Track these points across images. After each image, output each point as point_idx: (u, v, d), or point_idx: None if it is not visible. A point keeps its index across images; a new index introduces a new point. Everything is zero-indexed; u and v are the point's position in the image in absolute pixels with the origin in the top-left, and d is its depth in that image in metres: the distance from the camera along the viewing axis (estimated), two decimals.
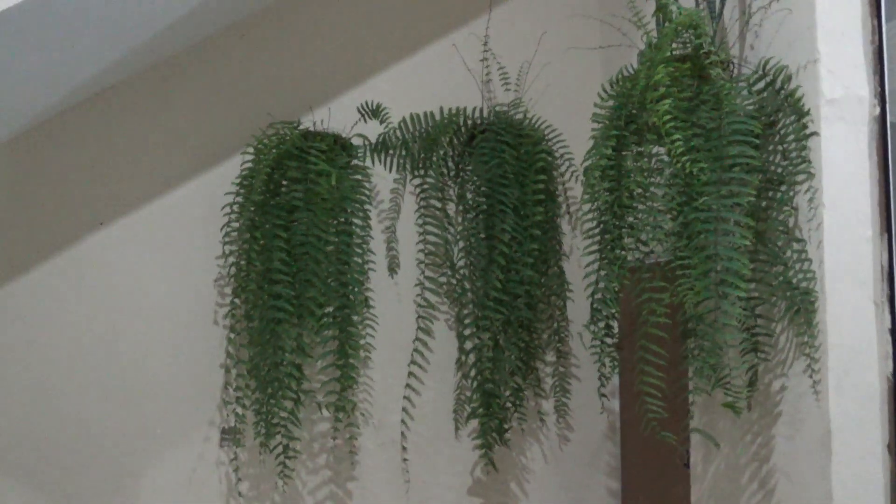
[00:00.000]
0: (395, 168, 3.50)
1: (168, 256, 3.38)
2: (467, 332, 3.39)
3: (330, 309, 3.24)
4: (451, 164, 3.51)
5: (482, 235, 3.35)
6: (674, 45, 2.64)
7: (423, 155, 3.47)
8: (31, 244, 3.31)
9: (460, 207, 3.48)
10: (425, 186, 3.47)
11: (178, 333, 3.35)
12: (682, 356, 2.59)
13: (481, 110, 3.51)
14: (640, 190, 2.65)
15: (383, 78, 3.56)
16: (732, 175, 2.44)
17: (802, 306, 2.46)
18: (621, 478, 3.58)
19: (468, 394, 3.38)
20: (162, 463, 3.30)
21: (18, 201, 3.33)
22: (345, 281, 3.26)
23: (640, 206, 2.64)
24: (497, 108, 3.52)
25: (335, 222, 3.28)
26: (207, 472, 3.33)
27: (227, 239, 3.30)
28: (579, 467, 3.56)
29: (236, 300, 3.26)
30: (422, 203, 3.48)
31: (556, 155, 3.51)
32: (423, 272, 3.48)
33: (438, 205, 3.49)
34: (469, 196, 3.43)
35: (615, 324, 2.85)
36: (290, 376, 3.13)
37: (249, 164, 3.28)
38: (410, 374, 3.45)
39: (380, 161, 3.49)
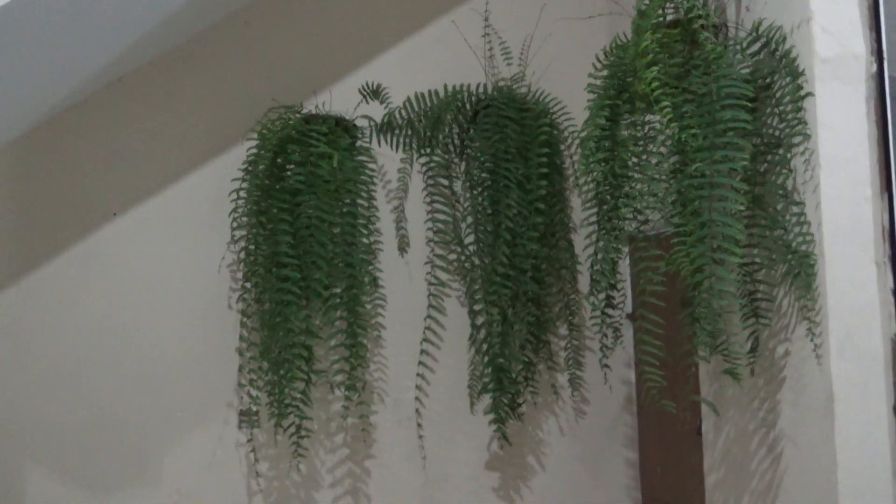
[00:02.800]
0: (401, 147, 3.50)
1: (182, 244, 3.42)
2: (477, 307, 3.39)
3: (337, 290, 3.25)
4: (456, 141, 3.51)
5: (488, 211, 3.34)
6: (666, 11, 2.60)
7: (428, 133, 3.46)
8: (49, 236, 3.37)
9: (467, 184, 3.47)
10: (432, 165, 3.47)
11: (194, 319, 3.39)
12: (682, 324, 2.56)
13: (485, 86, 3.49)
14: (634, 159, 2.63)
15: (386, 59, 3.56)
16: (726, 140, 2.41)
17: (802, 269, 2.43)
18: (638, 448, 3.57)
19: (480, 369, 3.37)
20: (183, 447, 3.35)
21: (35, 195, 3.39)
22: (351, 262, 3.28)
23: (635, 176, 2.62)
24: (500, 84, 3.50)
25: (339, 204, 3.29)
26: (227, 454, 3.37)
27: (235, 224, 3.33)
28: (596, 439, 3.55)
29: (247, 284, 3.30)
30: (429, 181, 3.48)
31: (562, 128, 3.49)
32: (432, 250, 3.48)
33: (445, 182, 3.49)
34: (474, 172, 3.42)
35: (616, 294, 2.83)
36: (300, 357, 3.16)
37: (255, 150, 3.31)
38: (423, 351, 3.46)
39: (386, 141, 3.49)
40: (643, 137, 2.64)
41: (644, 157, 2.62)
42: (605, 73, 2.73)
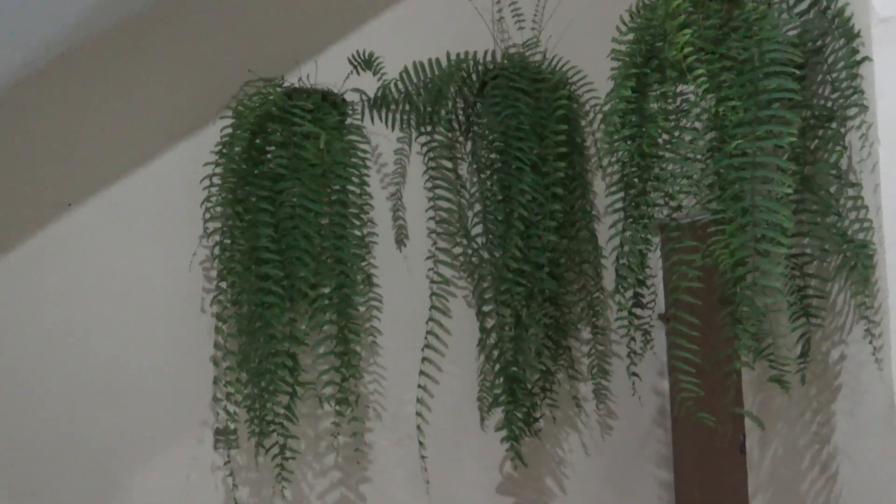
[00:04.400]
0: (397, 125, 3.51)
1: (147, 238, 3.43)
2: (487, 308, 3.41)
3: (326, 290, 3.27)
4: (461, 117, 3.52)
5: (498, 197, 3.36)
6: None
7: (429, 109, 3.47)
8: None
9: (473, 166, 3.48)
10: (433, 145, 3.48)
11: (163, 324, 3.40)
12: (721, 325, 2.57)
13: (493, 54, 3.50)
14: (665, 136, 2.64)
15: (380, 23, 3.56)
16: (770, 112, 2.43)
17: (859, 261, 2.44)
18: (673, 467, 3.58)
19: (491, 379, 3.39)
20: (152, 470, 3.36)
21: None
22: (342, 257, 3.28)
23: (666, 155, 2.63)
24: (510, 51, 3.51)
25: (327, 191, 3.30)
26: (202, 478, 3.38)
27: (208, 215, 3.34)
28: (624, 457, 3.57)
29: (222, 284, 3.30)
30: (430, 164, 3.49)
31: (582, 101, 3.50)
32: (435, 243, 3.49)
33: (449, 165, 3.50)
34: (482, 153, 3.43)
35: (645, 291, 2.85)
36: (284, 367, 3.17)
37: (230, 130, 3.32)
38: (425, 359, 3.47)
39: (380, 118, 3.50)
40: (675, 111, 2.66)
41: (676, 133, 2.63)
42: (630, 37, 2.74)
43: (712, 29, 2.51)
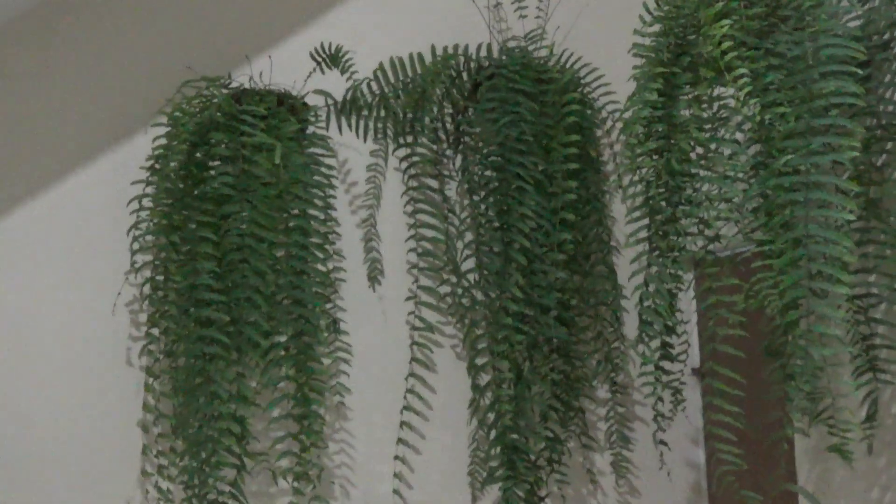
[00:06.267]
0: (370, 136, 3.53)
1: (60, 274, 3.43)
2: (481, 361, 3.40)
3: (281, 338, 3.26)
4: (448, 125, 3.53)
5: (495, 224, 3.35)
6: None
7: (409, 115, 3.49)
8: None
9: (464, 186, 3.49)
10: (415, 159, 3.50)
11: (79, 381, 3.40)
12: (769, 383, 2.57)
13: (488, 48, 3.52)
14: (699, 150, 2.64)
15: (349, 9, 3.58)
16: (827, 121, 2.44)
17: None
18: None
19: (486, 448, 3.37)
20: None
21: None
22: (301, 298, 3.28)
23: (700, 173, 2.64)
24: (510, 44, 3.52)
25: (284, 216, 3.30)
26: None
27: (137, 246, 3.35)
28: None
29: (154, 331, 3.31)
30: (411, 183, 3.50)
31: (597, 106, 3.50)
32: (416, 280, 3.50)
33: (434, 184, 3.51)
34: (475, 170, 3.43)
35: (676, 341, 2.84)
36: (229, 434, 3.15)
37: (163, 141, 3.32)
38: (405, 424, 3.47)
39: (349, 126, 3.52)
40: (711, 119, 2.66)
41: (713, 146, 2.64)
42: (656, 28, 2.76)
43: (757, 19, 2.54)
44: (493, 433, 3.33)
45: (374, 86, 3.49)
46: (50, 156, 3.46)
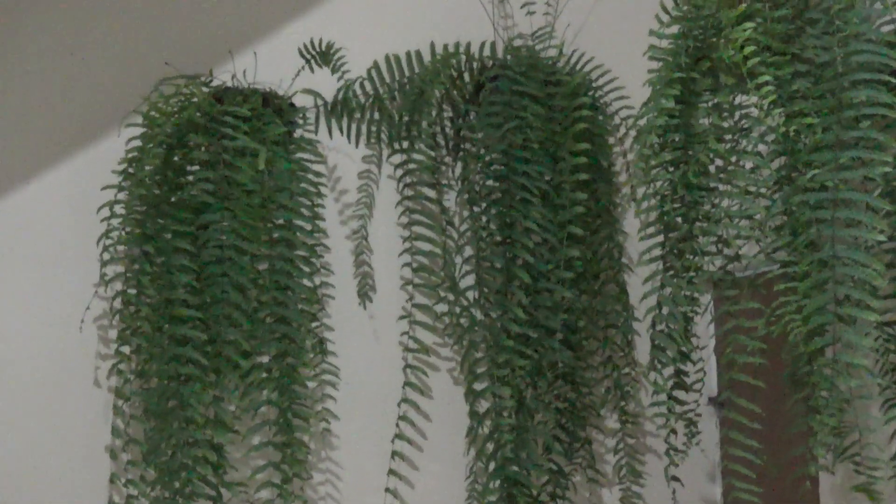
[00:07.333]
0: (363, 140, 3.54)
1: (24, 286, 3.43)
2: (479, 386, 3.41)
3: (263, 359, 3.27)
4: (448, 130, 3.55)
5: (496, 238, 3.38)
6: None
7: (406, 118, 3.49)
8: None
9: (464, 196, 3.51)
10: (411, 166, 3.51)
11: (41, 402, 3.40)
12: (792, 416, 2.60)
13: (492, 46, 3.55)
14: (718, 162, 2.66)
15: (341, 2, 3.60)
16: (858, 134, 2.45)
17: None
18: None
19: (484, 481, 3.38)
20: None
21: None
22: (285, 316, 3.29)
23: (720, 187, 2.65)
24: (516, 43, 3.55)
25: (269, 226, 3.31)
26: None
27: (107, 256, 3.33)
28: None
29: (124, 349, 3.30)
30: (406, 192, 3.52)
31: (609, 112, 3.54)
32: (411, 298, 3.51)
33: (432, 194, 3.53)
34: (476, 179, 3.45)
35: (691, 368, 2.86)
36: (205, 462, 3.16)
37: (138, 143, 3.32)
38: (396, 454, 3.47)
39: (340, 130, 3.53)
40: (732, 129, 2.68)
41: (734, 159, 2.65)
42: (674, 30, 2.78)
43: (782, 22, 2.55)
44: (492, 465, 3.34)
45: (368, 86, 3.51)
46: (12, 157, 3.47)
